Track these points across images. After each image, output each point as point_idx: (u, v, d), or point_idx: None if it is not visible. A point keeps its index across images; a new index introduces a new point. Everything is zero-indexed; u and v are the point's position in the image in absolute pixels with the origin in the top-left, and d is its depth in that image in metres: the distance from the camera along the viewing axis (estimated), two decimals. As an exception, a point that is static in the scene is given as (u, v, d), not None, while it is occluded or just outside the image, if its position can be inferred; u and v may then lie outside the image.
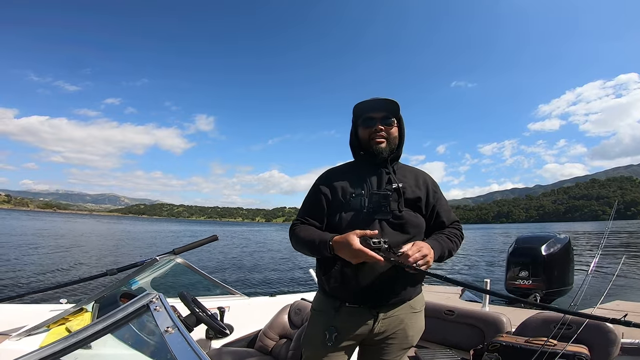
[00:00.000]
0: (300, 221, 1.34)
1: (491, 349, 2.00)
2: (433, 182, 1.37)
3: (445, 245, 1.23)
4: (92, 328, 0.79)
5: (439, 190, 1.37)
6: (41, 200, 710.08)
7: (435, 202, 1.32)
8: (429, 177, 1.38)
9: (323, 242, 1.17)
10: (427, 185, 1.34)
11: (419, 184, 1.33)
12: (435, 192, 1.35)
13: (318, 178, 1.39)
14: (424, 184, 1.33)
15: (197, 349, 0.70)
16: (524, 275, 4.33)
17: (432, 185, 1.35)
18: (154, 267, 1.99)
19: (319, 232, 1.26)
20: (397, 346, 1.27)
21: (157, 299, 0.87)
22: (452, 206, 1.49)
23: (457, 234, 1.33)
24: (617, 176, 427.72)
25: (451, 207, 1.42)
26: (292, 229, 1.34)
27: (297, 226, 1.33)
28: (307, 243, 1.23)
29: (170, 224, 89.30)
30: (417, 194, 1.29)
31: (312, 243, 1.21)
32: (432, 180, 1.38)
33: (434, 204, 1.32)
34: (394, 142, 1.33)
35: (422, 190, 1.31)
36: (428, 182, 1.35)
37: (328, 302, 1.28)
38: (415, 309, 1.29)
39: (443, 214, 1.33)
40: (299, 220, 1.35)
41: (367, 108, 1.31)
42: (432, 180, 1.37)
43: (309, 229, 1.29)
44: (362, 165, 1.35)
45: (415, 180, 1.33)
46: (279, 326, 2.42)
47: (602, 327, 1.85)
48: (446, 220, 1.33)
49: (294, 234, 1.31)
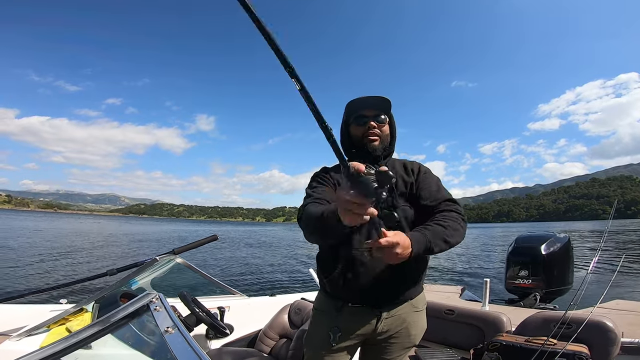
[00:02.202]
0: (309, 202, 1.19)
1: (491, 348, 2.00)
2: (421, 166, 1.35)
3: (434, 235, 1.07)
4: (92, 328, 0.79)
5: (426, 172, 1.32)
6: (41, 200, 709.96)
7: (421, 180, 1.28)
8: (417, 163, 1.36)
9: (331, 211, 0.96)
10: (413, 170, 1.32)
11: (408, 171, 1.31)
12: (423, 173, 1.30)
13: (315, 173, 1.38)
14: (411, 170, 1.32)
15: (197, 349, 0.70)
16: (523, 274, 4.33)
17: (418, 168, 1.33)
18: (154, 267, 2.00)
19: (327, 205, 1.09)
20: (400, 345, 1.27)
21: (157, 299, 0.87)
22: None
23: (454, 217, 1.16)
24: (617, 175, 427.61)
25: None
26: (300, 210, 1.20)
27: (305, 207, 1.17)
28: (315, 217, 1.05)
29: (170, 224, 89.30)
30: (409, 182, 1.28)
31: (320, 215, 1.02)
32: (421, 165, 1.35)
33: (420, 183, 1.27)
34: (387, 139, 1.33)
35: (411, 176, 1.30)
36: (414, 167, 1.33)
37: (330, 302, 1.28)
38: (417, 307, 1.29)
39: (427, 191, 1.24)
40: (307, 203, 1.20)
41: (359, 106, 1.29)
42: (420, 165, 1.35)
43: (318, 206, 1.14)
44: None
45: (404, 170, 1.32)
46: (279, 326, 2.42)
47: (602, 326, 1.85)
48: (429, 197, 1.22)
49: (304, 213, 1.15)
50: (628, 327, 2.37)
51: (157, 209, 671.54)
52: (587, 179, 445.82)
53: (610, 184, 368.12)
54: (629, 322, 2.72)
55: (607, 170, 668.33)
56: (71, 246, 16.57)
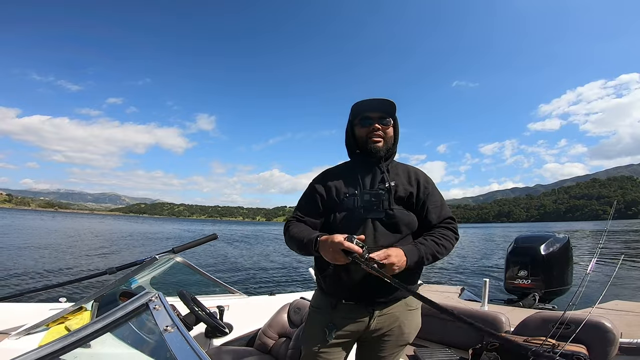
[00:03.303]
0: (296, 219, 1.36)
1: (490, 348, 2.01)
2: (425, 177, 1.37)
3: (426, 250, 1.20)
4: (91, 327, 0.79)
5: (430, 186, 1.35)
6: (42, 199, 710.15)
7: (425, 197, 1.32)
8: (421, 173, 1.38)
9: (310, 240, 1.19)
10: (418, 181, 1.34)
11: (411, 181, 1.33)
12: (426, 188, 1.34)
13: (314, 178, 1.41)
14: (415, 180, 1.34)
15: (197, 348, 0.70)
16: (523, 274, 4.34)
17: (423, 181, 1.35)
18: (154, 266, 2.00)
19: (310, 230, 1.28)
20: (393, 343, 1.29)
21: (156, 298, 0.87)
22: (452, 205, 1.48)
23: (448, 235, 1.29)
24: (618, 176, 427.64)
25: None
26: (286, 225, 1.36)
27: (291, 223, 1.35)
28: (297, 240, 1.26)
29: (170, 223, 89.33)
30: (409, 191, 1.30)
31: (300, 241, 1.24)
32: (425, 176, 1.38)
33: (424, 199, 1.32)
34: (390, 141, 1.35)
35: (414, 186, 1.32)
36: (419, 178, 1.35)
37: (325, 299, 1.31)
38: (411, 306, 1.31)
39: (432, 209, 1.31)
40: (293, 217, 1.37)
41: (364, 108, 1.33)
42: (424, 176, 1.37)
43: (301, 226, 1.31)
44: (357, 164, 1.37)
45: (408, 177, 1.34)
46: (278, 325, 2.42)
47: (600, 327, 1.85)
48: (435, 217, 1.31)
49: (287, 231, 1.33)
50: (627, 328, 2.37)
51: (158, 208, 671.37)
52: (588, 180, 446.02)
53: (610, 184, 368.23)
54: (628, 322, 2.73)
55: (607, 171, 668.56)
56: (71, 245, 16.58)
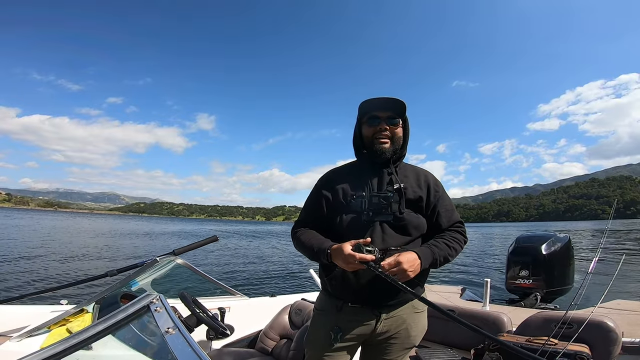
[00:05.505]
0: (302, 224, 1.34)
1: (492, 348, 2.00)
2: (435, 181, 1.34)
3: (440, 253, 1.20)
4: (92, 329, 0.79)
5: (440, 189, 1.33)
6: (41, 198, 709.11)
7: (436, 201, 1.29)
8: (430, 175, 1.35)
9: (322, 250, 1.19)
10: (428, 185, 1.31)
11: (421, 184, 1.30)
12: (437, 192, 1.31)
13: (319, 179, 1.38)
14: (425, 183, 1.31)
15: (198, 350, 0.70)
16: (524, 274, 4.33)
17: (433, 184, 1.32)
18: (155, 268, 1.99)
19: (319, 238, 1.26)
20: (400, 346, 1.27)
21: (157, 300, 0.87)
22: (452, 205, 1.47)
23: (459, 238, 1.28)
24: (617, 175, 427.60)
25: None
26: (293, 231, 1.35)
27: (298, 229, 1.33)
28: (307, 249, 1.25)
29: (170, 223, 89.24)
30: (419, 194, 1.27)
31: (311, 249, 1.23)
32: (434, 179, 1.35)
33: (434, 203, 1.29)
34: (398, 142, 1.31)
35: (424, 189, 1.29)
36: (429, 181, 1.32)
37: (331, 302, 1.28)
38: (417, 308, 1.29)
39: (443, 213, 1.30)
40: (300, 222, 1.36)
41: (372, 107, 1.28)
42: (434, 179, 1.34)
43: (309, 233, 1.29)
44: (364, 165, 1.33)
45: (417, 180, 1.31)
46: (279, 326, 2.42)
47: (603, 326, 1.85)
48: (446, 221, 1.29)
49: (295, 237, 1.32)
50: (629, 327, 2.37)
51: (157, 208, 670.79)
52: (587, 179, 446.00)
53: (609, 184, 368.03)
54: (630, 322, 2.73)
55: (606, 170, 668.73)
56: (71, 246, 16.56)
